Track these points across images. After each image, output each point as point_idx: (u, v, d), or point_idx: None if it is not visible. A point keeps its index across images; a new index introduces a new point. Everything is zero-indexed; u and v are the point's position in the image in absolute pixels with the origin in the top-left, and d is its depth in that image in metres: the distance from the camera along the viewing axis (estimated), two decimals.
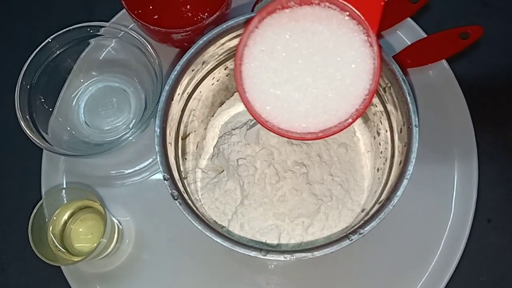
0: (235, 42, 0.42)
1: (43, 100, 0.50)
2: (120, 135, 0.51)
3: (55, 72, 0.51)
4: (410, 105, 0.38)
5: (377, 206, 0.37)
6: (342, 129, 0.33)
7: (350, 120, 0.33)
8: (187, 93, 0.43)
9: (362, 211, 0.43)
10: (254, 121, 0.40)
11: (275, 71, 0.33)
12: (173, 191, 0.37)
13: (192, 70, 0.41)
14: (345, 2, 0.32)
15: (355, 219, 0.43)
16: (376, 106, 0.44)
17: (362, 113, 0.33)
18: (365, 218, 0.36)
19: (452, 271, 0.46)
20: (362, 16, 0.32)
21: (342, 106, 0.33)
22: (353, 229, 0.36)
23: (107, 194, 0.50)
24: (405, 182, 0.36)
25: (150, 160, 0.52)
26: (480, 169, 0.49)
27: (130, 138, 0.46)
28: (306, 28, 0.32)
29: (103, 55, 0.54)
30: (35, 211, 0.44)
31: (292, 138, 0.34)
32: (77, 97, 0.54)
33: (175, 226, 0.48)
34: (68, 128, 0.52)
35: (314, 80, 0.32)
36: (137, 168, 0.52)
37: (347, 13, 0.32)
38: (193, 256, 0.48)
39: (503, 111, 0.54)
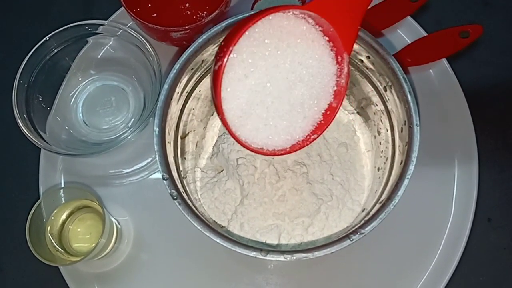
0: None
1: (41, 99, 0.50)
2: (119, 134, 0.51)
3: (53, 70, 0.51)
4: (411, 104, 0.37)
5: (377, 206, 0.37)
6: (309, 143, 0.36)
7: (315, 136, 0.36)
8: (186, 92, 0.43)
9: (363, 210, 0.43)
10: None
11: (250, 90, 0.33)
12: (172, 191, 0.36)
13: (191, 69, 0.41)
14: (320, 16, 0.33)
15: (355, 218, 0.43)
16: (377, 105, 0.44)
17: (326, 128, 0.36)
18: (366, 218, 0.36)
19: (452, 270, 0.46)
20: (335, 32, 0.33)
21: (309, 121, 0.35)
22: (353, 229, 0.35)
23: (105, 193, 0.50)
24: (406, 181, 0.36)
25: (149, 159, 0.51)
26: (480, 168, 0.49)
27: (129, 137, 0.46)
28: (281, 40, 0.33)
29: (101, 53, 0.54)
30: (33, 211, 0.43)
31: (264, 154, 0.36)
32: (75, 96, 0.54)
33: (174, 225, 0.48)
34: (66, 127, 0.52)
35: (284, 97, 0.34)
36: (136, 167, 0.51)
37: (321, 28, 0.33)
38: (192, 256, 0.48)
39: (503, 110, 0.54)
